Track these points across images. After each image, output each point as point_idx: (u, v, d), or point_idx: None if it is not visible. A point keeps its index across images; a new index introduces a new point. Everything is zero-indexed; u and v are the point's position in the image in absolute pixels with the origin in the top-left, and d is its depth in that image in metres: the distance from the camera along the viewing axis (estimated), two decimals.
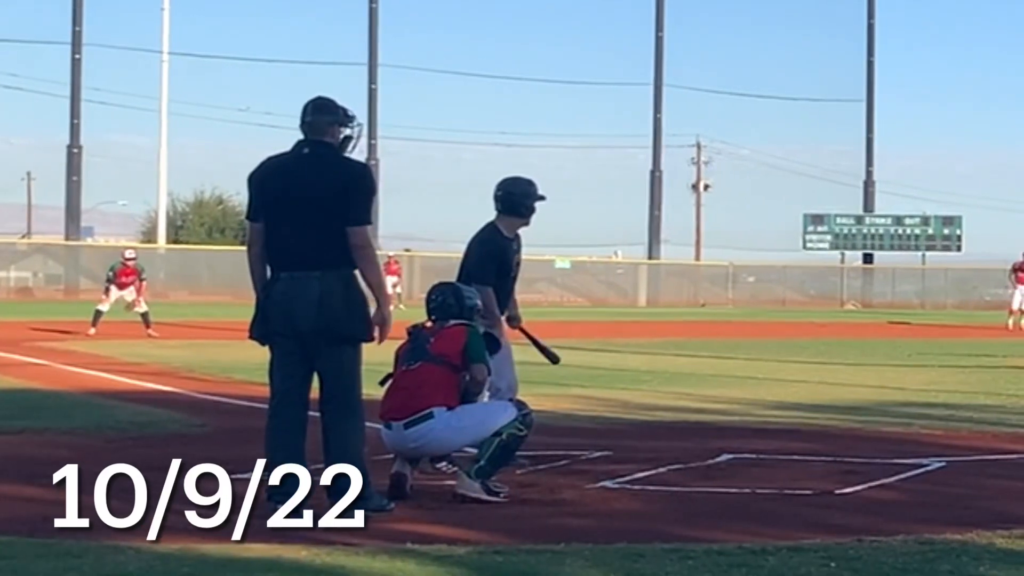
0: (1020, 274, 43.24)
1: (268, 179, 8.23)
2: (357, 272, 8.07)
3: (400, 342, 9.22)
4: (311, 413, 8.44)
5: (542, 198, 10.39)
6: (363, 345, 8.36)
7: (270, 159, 8.33)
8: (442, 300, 9.30)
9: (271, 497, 7.37)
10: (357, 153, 8.54)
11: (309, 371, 8.31)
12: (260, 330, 8.23)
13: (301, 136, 8.22)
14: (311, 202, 7.98)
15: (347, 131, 8.33)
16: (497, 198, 10.36)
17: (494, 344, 9.35)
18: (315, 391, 8.48)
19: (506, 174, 10.27)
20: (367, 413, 8.53)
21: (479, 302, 9.43)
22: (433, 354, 8.95)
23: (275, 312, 8.08)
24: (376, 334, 8.18)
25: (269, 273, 8.19)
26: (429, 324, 9.30)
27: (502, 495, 8.70)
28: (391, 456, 10.49)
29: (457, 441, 8.95)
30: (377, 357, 8.77)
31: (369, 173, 8.44)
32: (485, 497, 8.59)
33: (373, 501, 7.95)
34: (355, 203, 8.00)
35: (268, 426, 8.35)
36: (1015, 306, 42.41)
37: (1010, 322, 41.61)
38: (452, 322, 9.17)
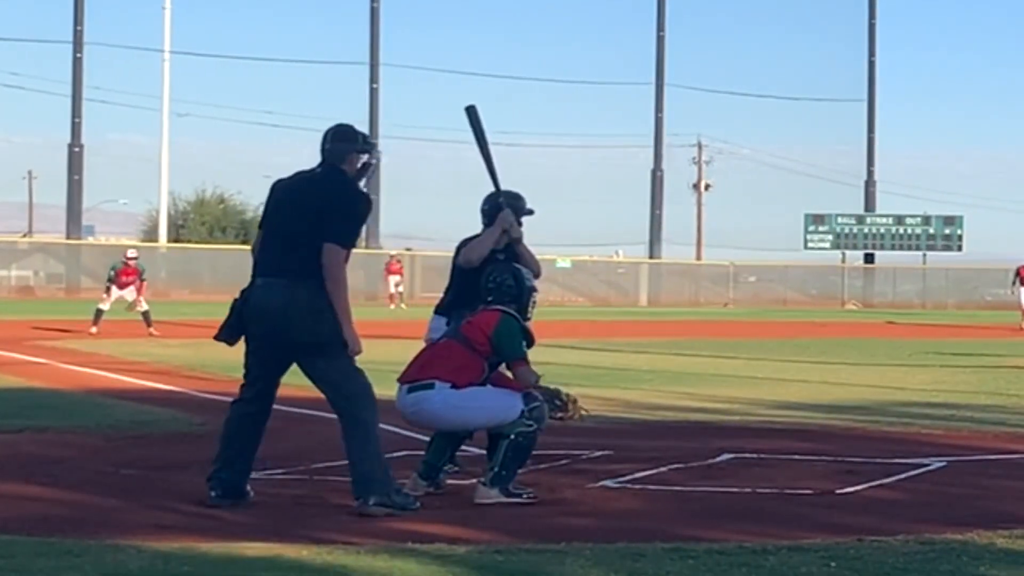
0: None
1: (278, 191, 8.45)
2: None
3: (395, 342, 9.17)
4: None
5: (530, 212, 10.07)
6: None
7: (294, 175, 8.52)
8: (500, 280, 8.91)
9: (209, 479, 8.19)
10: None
11: (277, 375, 8.48)
12: (228, 332, 8.45)
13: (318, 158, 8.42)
14: (297, 214, 8.17)
15: (366, 158, 8.42)
16: (484, 212, 9.94)
17: (531, 339, 8.87)
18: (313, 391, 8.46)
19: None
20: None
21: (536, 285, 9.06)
22: (461, 333, 8.82)
23: (249, 315, 8.28)
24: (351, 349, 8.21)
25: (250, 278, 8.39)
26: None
27: (525, 496, 8.58)
28: (393, 455, 10.50)
29: (452, 419, 8.67)
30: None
31: (362, 200, 8.43)
32: (505, 500, 8.50)
33: (397, 500, 8.06)
34: (335, 221, 8.14)
35: (226, 418, 8.62)
36: None
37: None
38: (495, 306, 8.84)
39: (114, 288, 30.09)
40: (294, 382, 8.90)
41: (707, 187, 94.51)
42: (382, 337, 30.76)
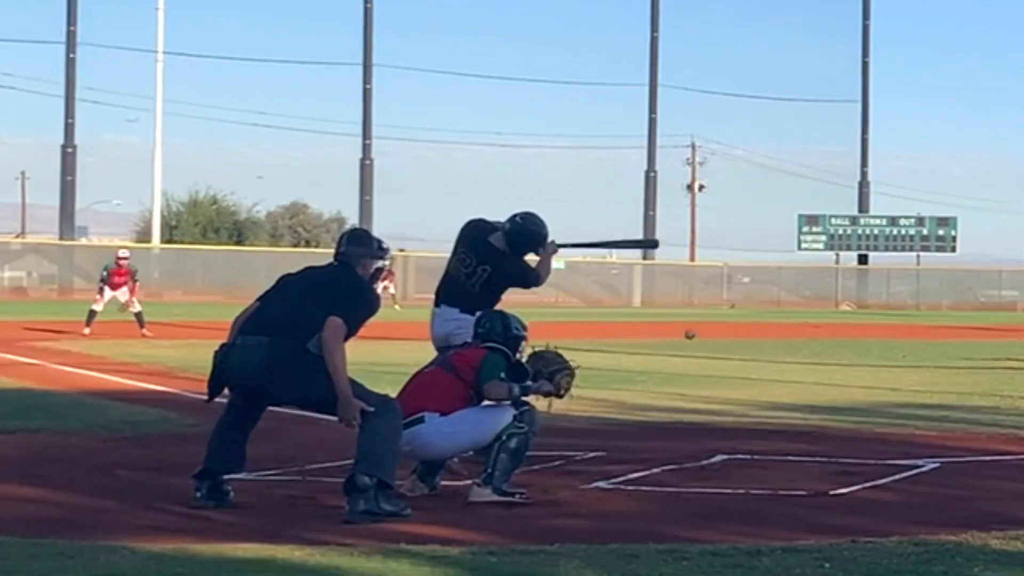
0: None
1: (286, 278, 8.69)
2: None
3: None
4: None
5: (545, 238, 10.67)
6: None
7: (305, 268, 8.77)
8: (490, 327, 9.18)
9: (195, 476, 8.29)
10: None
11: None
12: (213, 390, 8.64)
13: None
14: (304, 292, 8.37)
15: (379, 263, 8.65)
16: (529, 235, 10.50)
17: (522, 374, 8.97)
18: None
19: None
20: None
21: (526, 335, 9.20)
22: (450, 363, 8.94)
23: (230, 374, 8.43)
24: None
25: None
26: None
27: (518, 496, 8.59)
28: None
29: (451, 447, 8.77)
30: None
31: (374, 297, 8.61)
32: (497, 499, 8.52)
33: (388, 506, 8.01)
34: (346, 305, 8.24)
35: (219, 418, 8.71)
36: None
37: None
38: (486, 344, 9.05)
39: (107, 289, 30.04)
40: None
41: (700, 188, 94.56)
42: (377, 338, 30.78)
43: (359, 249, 8.57)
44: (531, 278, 10.47)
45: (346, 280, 8.41)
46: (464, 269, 10.18)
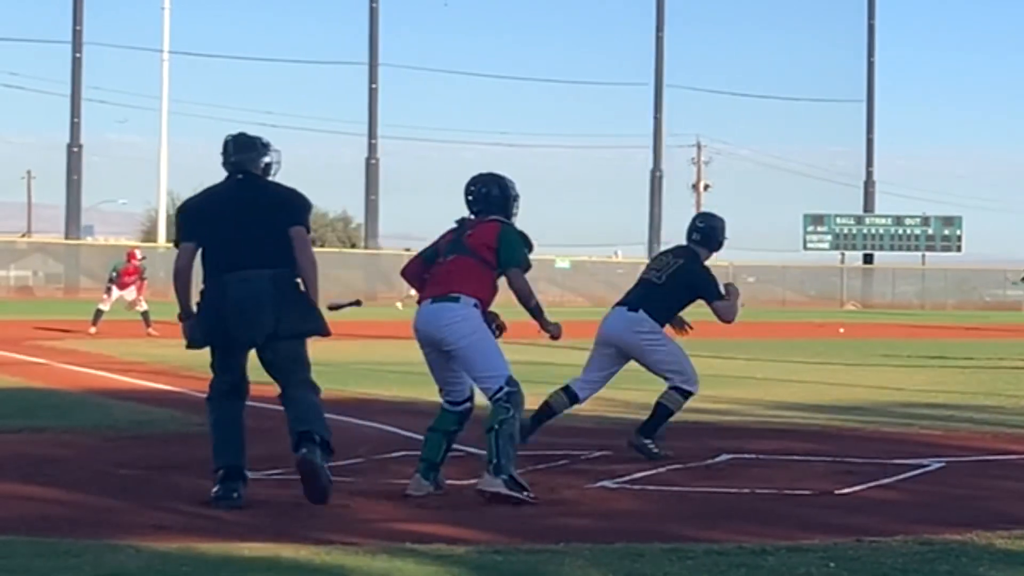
0: None
1: (205, 205, 8.81)
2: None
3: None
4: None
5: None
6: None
7: (207, 190, 8.87)
8: (486, 191, 9.20)
9: (218, 497, 8.25)
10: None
11: (245, 359, 8.70)
12: (203, 334, 8.67)
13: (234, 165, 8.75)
14: (254, 212, 8.55)
15: (267, 159, 8.79)
16: (699, 230, 11.74)
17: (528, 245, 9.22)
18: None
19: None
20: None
21: (519, 192, 9.36)
22: (468, 247, 9.00)
23: (231, 309, 8.43)
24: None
25: (205, 279, 8.59)
26: (472, 217, 9.24)
27: (525, 495, 8.55)
28: (392, 455, 10.51)
29: (461, 336, 8.77)
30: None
31: (299, 192, 8.83)
32: (506, 492, 8.50)
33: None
34: (295, 211, 8.66)
35: (214, 419, 8.69)
36: None
37: None
38: (491, 217, 9.12)
39: (114, 289, 30.07)
40: None
41: (706, 187, 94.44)
42: (382, 338, 30.77)
43: (248, 154, 8.71)
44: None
45: (273, 189, 8.71)
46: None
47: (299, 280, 8.53)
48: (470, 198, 9.25)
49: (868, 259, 79.34)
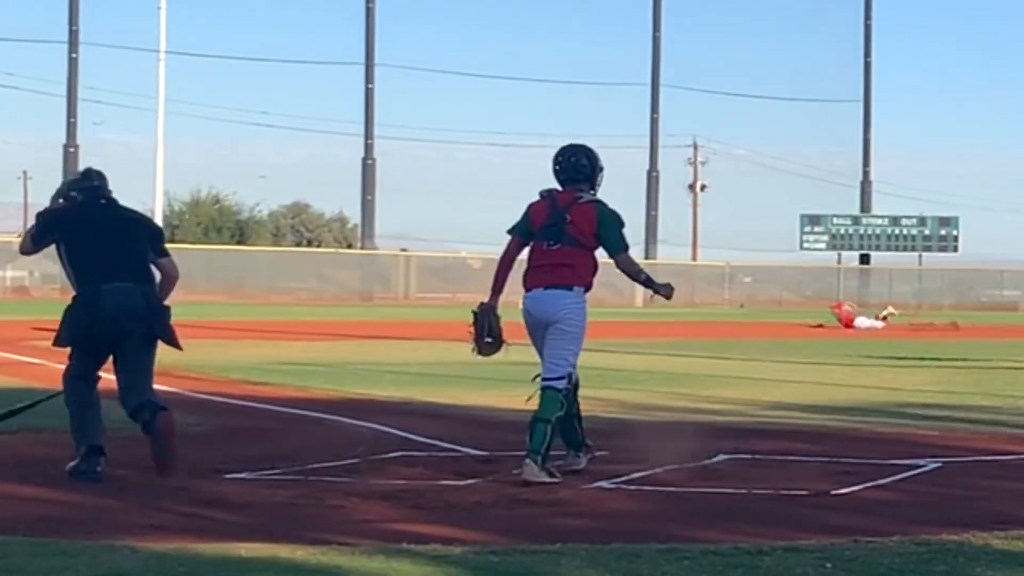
0: None
1: (77, 218, 9.70)
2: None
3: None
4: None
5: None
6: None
7: (79, 205, 9.76)
8: (575, 161, 9.51)
9: (81, 471, 9.27)
10: None
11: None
12: (79, 333, 9.51)
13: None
14: (121, 234, 9.70)
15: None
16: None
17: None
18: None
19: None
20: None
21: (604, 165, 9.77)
22: (572, 236, 9.38)
23: (106, 314, 9.41)
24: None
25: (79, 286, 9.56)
26: (561, 191, 9.54)
27: (557, 476, 9.20)
28: (388, 455, 10.50)
29: (570, 324, 9.36)
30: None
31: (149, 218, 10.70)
32: (548, 480, 9.08)
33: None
34: (162, 239, 10.14)
35: (76, 400, 9.67)
36: None
37: None
38: (584, 198, 9.45)
39: None
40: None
41: (702, 188, 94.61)
42: (380, 338, 30.76)
43: (106, 184, 9.85)
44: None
45: (140, 216, 10.20)
46: None
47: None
48: (558, 167, 9.57)
49: (865, 259, 79.40)
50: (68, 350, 9.61)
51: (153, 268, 9.84)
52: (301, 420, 12.97)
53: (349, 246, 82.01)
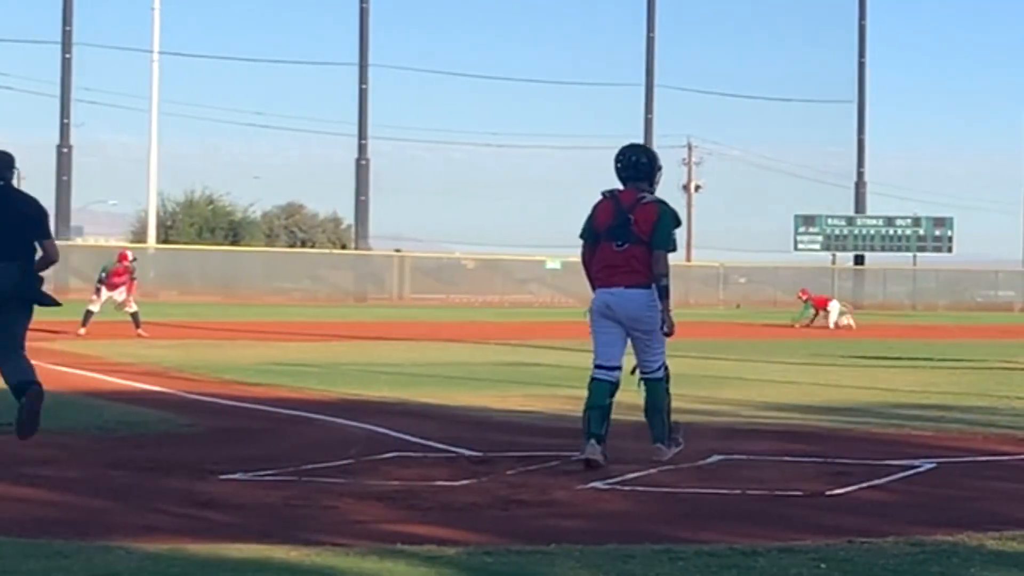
0: None
1: None
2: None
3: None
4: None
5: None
6: None
7: None
8: (636, 160, 10.01)
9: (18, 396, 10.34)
10: None
11: None
12: None
13: None
14: (12, 220, 10.70)
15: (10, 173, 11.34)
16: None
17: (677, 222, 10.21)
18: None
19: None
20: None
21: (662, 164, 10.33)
22: (637, 236, 9.89)
23: None
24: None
25: None
26: (623, 190, 10.03)
27: (682, 442, 10.31)
28: (382, 456, 10.50)
29: (649, 322, 10.07)
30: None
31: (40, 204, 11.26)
32: (677, 448, 10.24)
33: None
34: (47, 224, 11.06)
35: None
36: None
37: None
38: (647, 198, 9.94)
39: (103, 289, 30.00)
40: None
41: (697, 188, 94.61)
42: (376, 339, 30.76)
43: (11, 170, 11.27)
44: None
45: (33, 201, 11.10)
46: None
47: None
48: (619, 165, 10.06)
49: (859, 260, 79.46)
50: None
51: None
52: (295, 421, 12.96)
53: (343, 247, 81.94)
